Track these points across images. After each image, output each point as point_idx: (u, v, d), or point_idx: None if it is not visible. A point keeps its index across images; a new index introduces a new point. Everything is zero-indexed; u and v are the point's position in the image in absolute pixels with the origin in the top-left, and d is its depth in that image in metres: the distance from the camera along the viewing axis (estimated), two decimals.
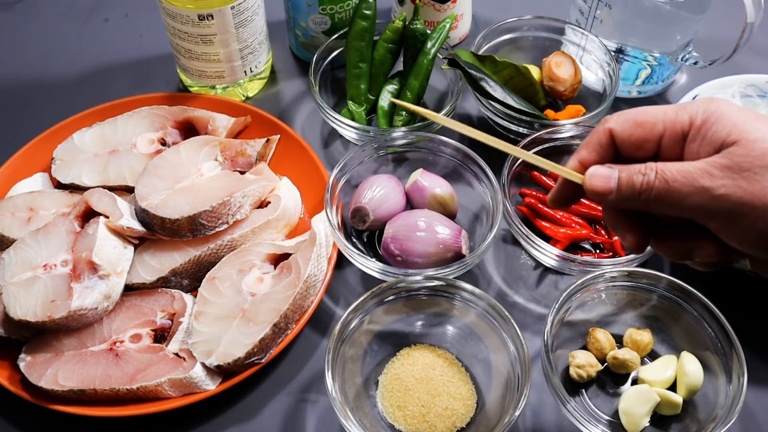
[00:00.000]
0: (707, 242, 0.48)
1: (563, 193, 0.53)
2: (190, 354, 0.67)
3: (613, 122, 0.49)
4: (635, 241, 0.50)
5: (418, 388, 0.67)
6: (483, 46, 0.89)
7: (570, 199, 0.53)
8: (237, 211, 0.75)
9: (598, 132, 0.50)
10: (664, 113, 0.48)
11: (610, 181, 0.48)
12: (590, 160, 0.50)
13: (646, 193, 0.46)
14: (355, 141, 0.85)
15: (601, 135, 0.49)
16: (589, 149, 0.50)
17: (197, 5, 0.80)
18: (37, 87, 0.96)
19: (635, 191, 0.47)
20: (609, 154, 0.50)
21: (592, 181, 0.49)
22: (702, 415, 0.65)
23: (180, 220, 0.72)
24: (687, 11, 0.83)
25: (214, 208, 0.73)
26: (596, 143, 0.50)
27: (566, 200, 0.53)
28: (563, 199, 0.53)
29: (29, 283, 0.69)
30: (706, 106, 0.47)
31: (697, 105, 0.47)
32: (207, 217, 0.73)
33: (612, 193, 0.48)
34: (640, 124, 0.48)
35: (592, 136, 0.50)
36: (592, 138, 0.50)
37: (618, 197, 0.48)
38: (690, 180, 0.45)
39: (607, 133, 0.49)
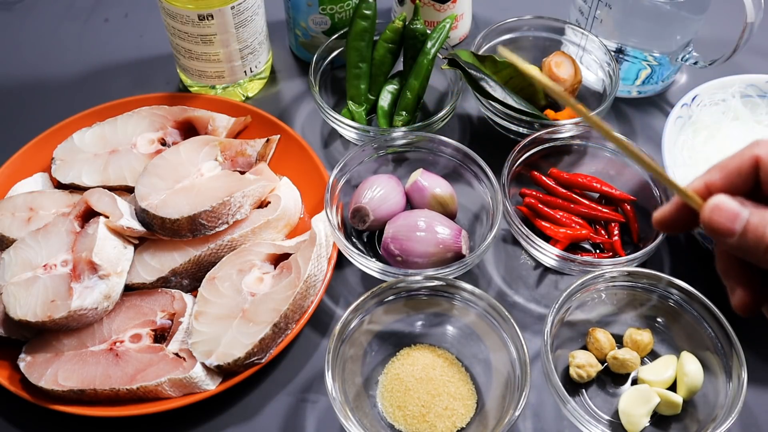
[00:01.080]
0: None
1: (674, 217, 0.42)
2: (190, 354, 0.67)
3: (763, 148, 0.39)
4: (745, 301, 0.41)
5: (418, 388, 0.67)
6: (483, 46, 0.89)
7: (681, 225, 0.43)
8: (237, 211, 0.75)
9: (742, 156, 0.40)
10: None
11: (735, 221, 0.38)
12: (720, 186, 0.40)
13: None
14: (355, 141, 0.85)
15: (745, 162, 0.40)
16: (723, 173, 0.40)
17: (197, 5, 0.80)
18: (37, 87, 0.96)
19: (762, 244, 0.38)
20: (746, 187, 0.40)
21: (713, 215, 0.39)
22: (702, 415, 0.65)
23: (180, 220, 0.72)
24: (687, 11, 0.83)
25: (214, 208, 0.73)
26: (735, 169, 0.40)
27: (676, 226, 0.43)
28: (673, 224, 0.43)
29: (29, 283, 0.69)
30: None
31: None
32: (207, 217, 0.73)
33: (734, 237, 0.38)
34: None
35: (732, 159, 0.40)
36: (731, 162, 0.40)
37: (740, 243, 0.38)
38: None
39: (752, 160, 0.40)
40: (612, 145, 0.73)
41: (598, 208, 0.78)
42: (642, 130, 0.91)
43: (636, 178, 0.80)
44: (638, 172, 0.79)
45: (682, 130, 0.81)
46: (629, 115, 0.92)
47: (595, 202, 0.80)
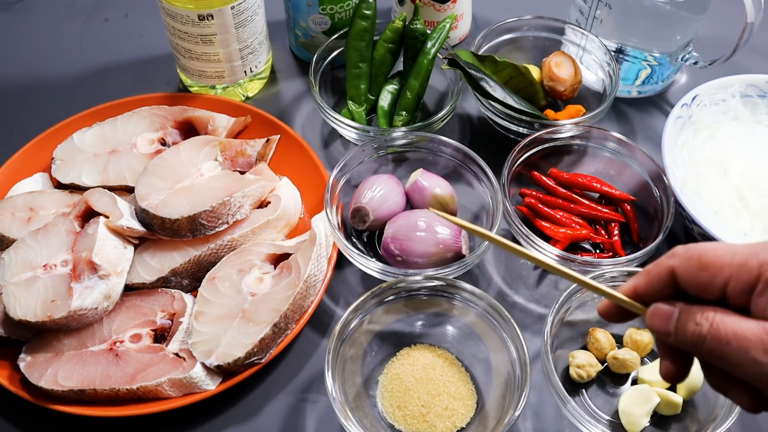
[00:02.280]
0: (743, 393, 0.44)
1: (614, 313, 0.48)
2: (190, 354, 0.67)
3: (677, 260, 0.44)
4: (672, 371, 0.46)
5: (418, 388, 0.67)
6: (483, 46, 0.89)
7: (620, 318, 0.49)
8: (237, 211, 0.75)
9: (660, 266, 0.45)
10: (732, 257, 0.42)
11: (669, 322, 0.44)
12: (646, 292, 0.46)
13: (699, 345, 0.42)
14: (355, 141, 0.85)
15: (662, 270, 0.45)
16: (647, 280, 0.46)
17: (197, 5, 0.80)
18: (37, 87, 0.96)
19: (687, 340, 0.43)
20: (668, 291, 0.45)
21: (652, 320, 0.45)
22: (702, 415, 0.65)
23: (180, 220, 0.72)
24: (687, 11, 0.83)
25: (214, 208, 0.73)
26: (656, 277, 0.45)
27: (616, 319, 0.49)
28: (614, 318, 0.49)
29: (29, 283, 0.69)
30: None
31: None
32: (207, 217, 0.73)
33: (671, 336, 0.44)
34: (704, 267, 0.43)
35: (653, 267, 0.46)
36: (653, 269, 0.46)
37: (676, 340, 0.44)
38: (743, 347, 0.40)
39: (668, 270, 0.45)
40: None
41: (598, 208, 0.78)
42: (642, 130, 0.91)
43: (636, 178, 0.80)
44: (638, 172, 0.79)
45: (682, 130, 0.81)
46: (629, 115, 0.92)
47: (595, 202, 0.80)
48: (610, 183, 0.80)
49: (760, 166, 0.78)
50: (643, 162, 0.78)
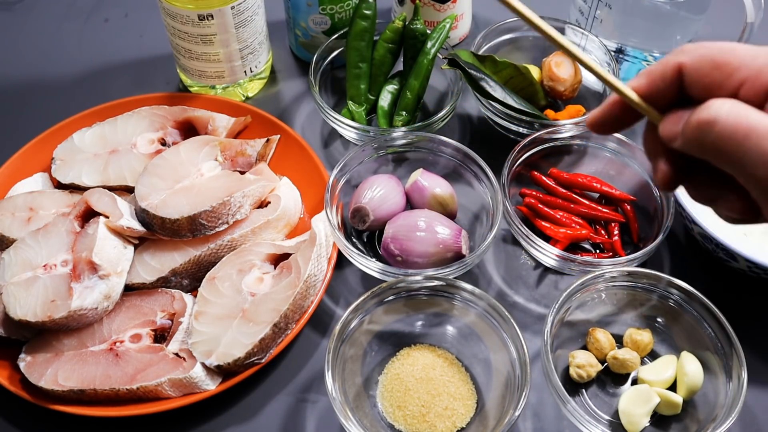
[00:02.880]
0: (735, 196, 0.41)
1: (610, 117, 0.45)
2: (190, 354, 0.67)
3: (686, 56, 0.40)
4: (667, 175, 0.43)
5: (418, 388, 0.67)
6: (483, 46, 0.89)
7: (616, 125, 0.45)
8: (237, 211, 0.75)
9: (666, 63, 0.41)
10: (753, 58, 0.39)
11: (678, 122, 0.41)
12: (645, 92, 0.42)
13: (712, 140, 0.38)
14: (355, 141, 0.85)
15: (668, 68, 0.41)
16: (649, 80, 0.42)
17: (197, 5, 0.80)
18: (37, 87, 0.96)
19: (698, 137, 0.39)
20: (670, 92, 0.42)
21: (663, 124, 0.42)
22: (702, 415, 0.65)
23: (180, 220, 0.72)
24: (687, 11, 0.83)
25: (214, 208, 0.73)
26: (659, 75, 0.41)
27: (612, 126, 0.45)
28: (609, 125, 0.45)
29: (29, 283, 0.69)
30: None
31: None
32: (207, 217, 0.73)
33: (678, 138, 0.40)
34: (718, 66, 0.39)
35: (657, 65, 0.42)
36: (656, 67, 0.42)
37: (684, 138, 0.40)
38: (761, 143, 0.36)
39: (675, 68, 0.41)
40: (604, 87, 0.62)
41: (598, 208, 0.78)
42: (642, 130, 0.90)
43: (636, 178, 0.80)
44: (638, 172, 0.79)
45: None
46: None
47: (595, 202, 0.80)
48: (610, 183, 0.80)
49: None
50: (643, 162, 0.79)
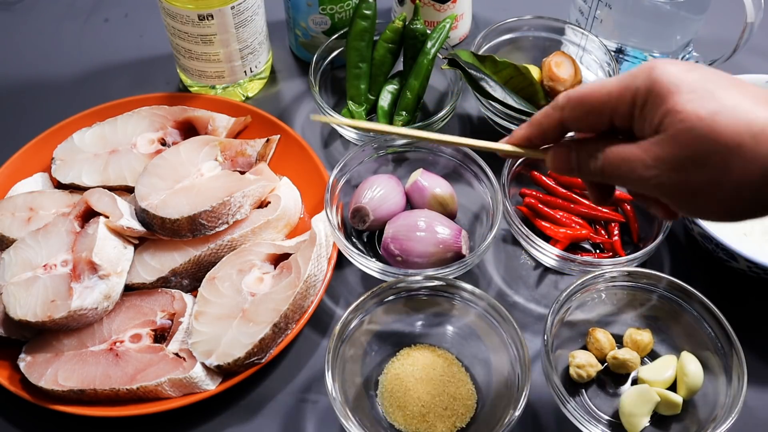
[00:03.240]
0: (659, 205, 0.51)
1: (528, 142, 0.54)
2: (190, 354, 0.67)
3: (565, 113, 0.50)
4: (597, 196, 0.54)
5: (418, 388, 0.67)
6: (483, 46, 0.89)
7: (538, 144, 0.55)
8: (237, 211, 0.75)
9: (550, 118, 0.51)
10: (609, 95, 0.48)
11: (570, 161, 0.51)
12: (540, 141, 0.53)
13: (600, 174, 0.49)
14: (355, 141, 0.85)
15: (553, 122, 0.51)
16: (541, 131, 0.52)
17: (197, 5, 0.80)
18: (37, 87, 0.96)
19: (591, 172, 0.50)
20: (559, 137, 0.52)
21: (555, 163, 0.52)
22: (702, 415, 0.65)
23: (180, 220, 0.72)
24: (687, 11, 0.83)
25: (214, 208, 0.73)
26: (549, 128, 0.52)
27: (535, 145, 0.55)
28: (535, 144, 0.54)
29: (29, 283, 0.69)
30: (647, 78, 0.46)
31: (639, 79, 0.46)
32: (207, 217, 0.73)
33: (575, 171, 0.51)
34: (589, 112, 0.49)
35: (543, 119, 0.52)
36: (544, 122, 0.52)
37: (581, 175, 0.51)
38: (630, 168, 0.47)
39: (559, 122, 0.51)
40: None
41: (598, 208, 0.78)
42: None
43: None
44: None
45: None
46: None
47: None
48: None
49: None
50: None
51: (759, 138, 0.42)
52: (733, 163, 0.43)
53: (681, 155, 0.44)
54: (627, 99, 0.47)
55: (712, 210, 0.46)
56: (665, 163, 0.45)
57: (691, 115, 0.43)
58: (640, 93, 0.46)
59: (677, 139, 0.44)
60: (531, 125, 0.53)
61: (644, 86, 0.46)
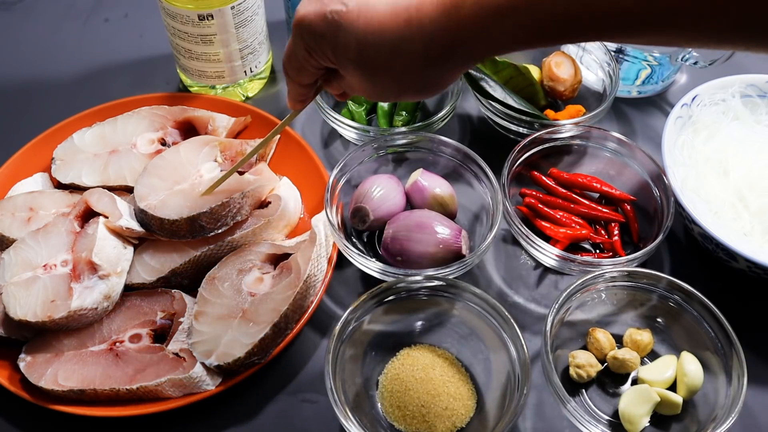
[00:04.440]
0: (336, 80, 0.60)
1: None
2: (190, 354, 0.67)
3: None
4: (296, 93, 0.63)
5: (418, 388, 0.67)
6: None
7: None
8: (237, 213, 0.75)
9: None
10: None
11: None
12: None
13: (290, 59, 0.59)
14: (355, 141, 0.85)
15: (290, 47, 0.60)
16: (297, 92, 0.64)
17: (197, 5, 0.80)
18: (37, 87, 0.96)
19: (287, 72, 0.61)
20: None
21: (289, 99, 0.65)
22: (702, 415, 0.65)
23: (179, 221, 0.72)
24: None
25: (213, 210, 0.73)
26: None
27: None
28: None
29: (29, 283, 0.69)
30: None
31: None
32: (206, 218, 0.73)
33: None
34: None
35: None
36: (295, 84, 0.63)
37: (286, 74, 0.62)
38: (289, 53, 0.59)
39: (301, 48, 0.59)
40: None
41: (598, 208, 0.78)
42: (642, 130, 0.91)
43: (636, 178, 0.80)
44: (638, 172, 0.79)
45: (682, 130, 0.81)
46: (629, 115, 0.92)
47: (595, 202, 0.80)
48: (610, 183, 0.80)
49: (760, 166, 0.78)
50: (643, 162, 0.79)
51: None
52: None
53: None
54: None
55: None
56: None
57: None
58: None
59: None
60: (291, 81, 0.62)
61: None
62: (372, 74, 0.54)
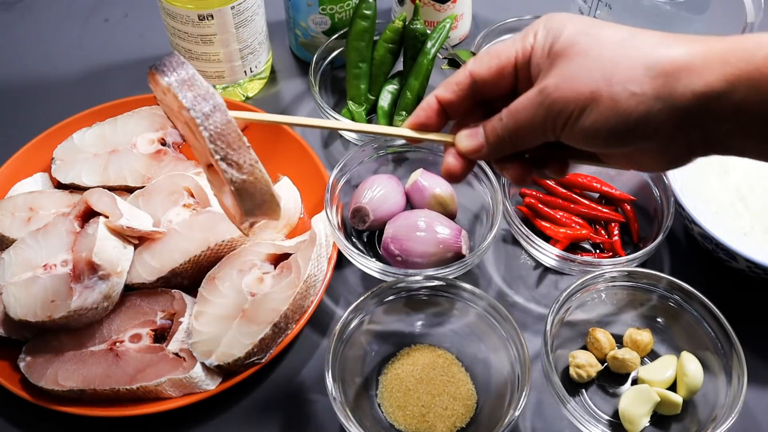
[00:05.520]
0: (514, 166, 0.52)
1: (458, 169, 0.53)
2: (190, 354, 0.67)
3: (472, 64, 0.51)
4: (519, 172, 0.52)
5: (418, 388, 0.67)
6: (483, 46, 0.89)
7: (462, 171, 0.54)
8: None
9: (458, 74, 0.51)
10: (512, 49, 0.49)
11: (477, 137, 0.51)
12: (447, 98, 0.52)
13: (506, 133, 0.49)
14: (355, 141, 0.85)
15: (460, 75, 0.51)
16: (447, 88, 0.52)
17: (197, 5, 0.80)
18: (37, 87, 0.96)
19: (500, 137, 0.49)
20: (466, 95, 0.51)
21: (462, 143, 0.52)
22: (702, 415, 0.65)
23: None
24: (687, 11, 0.83)
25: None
26: (453, 83, 0.51)
27: (461, 171, 0.54)
28: (459, 171, 0.53)
29: (29, 283, 0.69)
30: (545, 25, 0.48)
31: (537, 28, 0.48)
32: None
33: (484, 147, 0.51)
34: (495, 67, 0.50)
35: (452, 76, 0.52)
36: (451, 78, 0.52)
37: (490, 148, 0.51)
38: (527, 99, 0.47)
39: (467, 75, 0.51)
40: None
41: (598, 208, 0.78)
42: None
43: (636, 178, 0.80)
44: (638, 172, 0.79)
45: None
46: None
47: (595, 202, 0.80)
48: (610, 183, 0.80)
49: (760, 166, 0.78)
50: None
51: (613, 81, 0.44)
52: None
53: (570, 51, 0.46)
54: (527, 47, 0.48)
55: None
56: (558, 72, 0.46)
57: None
58: (539, 39, 0.48)
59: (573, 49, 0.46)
60: (440, 84, 0.52)
61: (543, 34, 0.48)
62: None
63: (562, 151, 0.52)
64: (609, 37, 0.45)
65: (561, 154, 0.53)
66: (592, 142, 0.46)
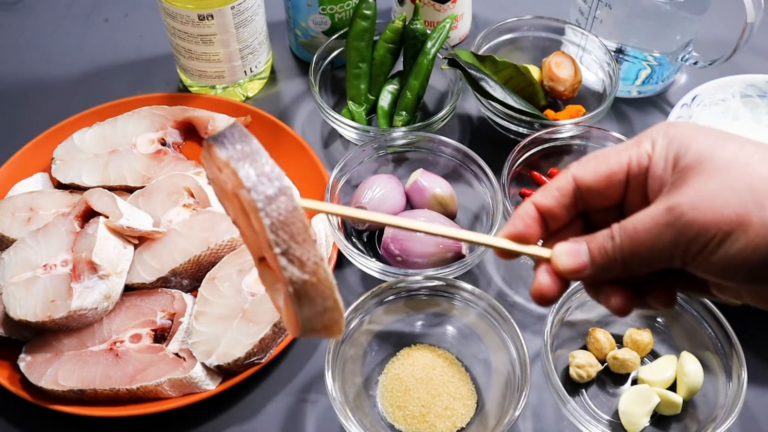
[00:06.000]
0: (615, 293, 0.44)
1: (554, 291, 0.44)
2: (190, 354, 0.67)
3: (576, 169, 0.44)
4: (624, 303, 0.44)
5: (418, 388, 0.67)
6: (483, 46, 0.89)
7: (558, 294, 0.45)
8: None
9: (559, 178, 0.44)
10: (624, 155, 0.43)
11: (580, 255, 0.42)
12: (547, 205, 0.44)
13: (619, 254, 0.41)
14: (355, 141, 0.85)
15: (562, 180, 0.44)
16: (547, 194, 0.44)
17: (197, 5, 0.80)
18: (37, 87, 0.96)
19: (610, 258, 0.41)
20: (568, 202, 0.44)
21: (561, 260, 0.43)
22: (702, 415, 0.65)
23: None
24: (687, 11, 0.83)
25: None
26: (554, 188, 0.44)
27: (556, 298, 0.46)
28: (554, 298, 0.45)
29: (29, 283, 0.69)
30: (666, 133, 0.42)
31: (655, 135, 0.42)
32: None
33: (587, 268, 0.42)
34: (604, 174, 0.43)
35: (552, 181, 0.45)
36: (551, 183, 0.45)
37: (594, 270, 0.42)
38: (650, 217, 0.40)
39: (570, 179, 0.44)
40: None
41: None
42: (642, 130, 0.89)
43: None
44: None
45: None
46: (629, 115, 0.92)
47: None
48: None
49: None
50: None
51: None
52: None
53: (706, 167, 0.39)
54: (643, 159, 0.42)
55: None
56: (688, 194, 0.39)
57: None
58: (658, 149, 0.41)
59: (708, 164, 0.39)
60: (540, 189, 0.45)
61: (663, 143, 0.41)
62: None
63: (672, 278, 0.44)
64: (752, 153, 0.39)
65: (670, 281, 0.44)
66: (732, 274, 0.40)
